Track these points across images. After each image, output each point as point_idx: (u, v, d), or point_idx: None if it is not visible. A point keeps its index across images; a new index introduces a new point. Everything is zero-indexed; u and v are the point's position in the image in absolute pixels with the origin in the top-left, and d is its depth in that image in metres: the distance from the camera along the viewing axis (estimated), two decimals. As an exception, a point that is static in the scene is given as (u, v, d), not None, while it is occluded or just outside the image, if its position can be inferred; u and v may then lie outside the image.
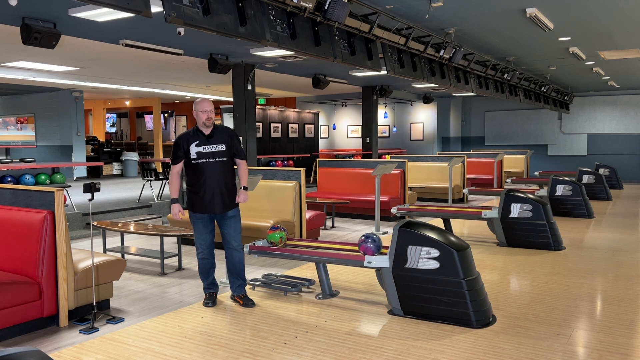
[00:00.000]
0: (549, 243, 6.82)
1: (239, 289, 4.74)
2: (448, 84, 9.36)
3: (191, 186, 4.59)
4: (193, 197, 4.59)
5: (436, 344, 3.78)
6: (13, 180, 7.74)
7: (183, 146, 4.55)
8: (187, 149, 4.54)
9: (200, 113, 4.54)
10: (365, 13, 6.51)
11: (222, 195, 4.58)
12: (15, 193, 4.46)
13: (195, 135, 4.58)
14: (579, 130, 18.68)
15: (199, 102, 4.58)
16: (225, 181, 4.61)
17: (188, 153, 4.54)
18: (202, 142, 4.55)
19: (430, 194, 12.03)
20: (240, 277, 4.74)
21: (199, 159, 4.52)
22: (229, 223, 4.66)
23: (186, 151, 4.54)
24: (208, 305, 4.65)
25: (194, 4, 4.52)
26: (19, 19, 6.52)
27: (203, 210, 4.57)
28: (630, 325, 4.12)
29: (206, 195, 4.53)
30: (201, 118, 4.55)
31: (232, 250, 4.70)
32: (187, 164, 4.57)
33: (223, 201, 4.59)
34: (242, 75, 10.84)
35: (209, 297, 4.72)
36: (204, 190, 4.53)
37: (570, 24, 7.84)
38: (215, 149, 4.56)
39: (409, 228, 4.31)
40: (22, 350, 1.80)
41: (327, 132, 21.80)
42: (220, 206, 4.58)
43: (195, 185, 4.56)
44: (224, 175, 4.60)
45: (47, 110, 17.02)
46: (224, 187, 4.60)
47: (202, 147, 4.53)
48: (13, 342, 3.87)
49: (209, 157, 4.53)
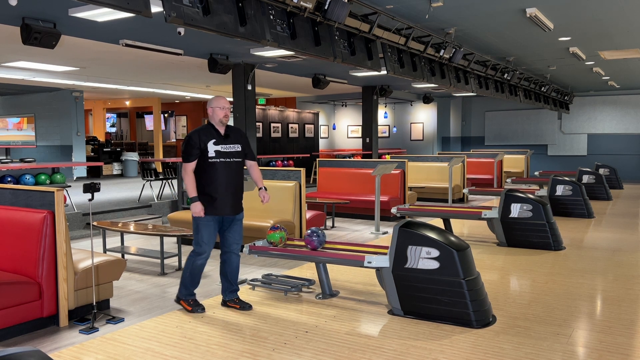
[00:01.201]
0: (549, 243, 6.82)
1: (233, 294, 4.64)
2: (448, 84, 9.36)
3: (204, 186, 4.37)
4: (204, 198, 4.36)
5: (436, 344, 3.78)
6: (13, 180, 7.74)
7: (199, 144, 4.33)
8: (204, 147, 4.32)
9: (217, 109, 4.40)
10: (365, 13, 6.51)
11: (235, 197, 4.47)
12: (15, 193, 4.46)
13: (210, 132, 4.39)
14: (579, 130, 18.68)
15: (217, 99, 4.45)
16: (239, 182, 4.51)
17: (205, 151, 4.33)
18: (220, 140, 4.39)
19: (430, 194, 12.03)
20: (235, 283, 4.64)
21: (217, 158, 4.35)
22: (235, 226, 4.54)
23: (203, 149, 4.33)
24: (199, 311, 4.47)
25: (194, 4, 4.51)
26: (19, 18, 6.52)
27: (215, 212, 4.39)
28: (630, 325, 4.12)
29: (220, 197, 4.37)
30: (219, 115, 4.40)
31: (232, 254, 4.58)
32: (201, 162, 4.36)
33: (236, 203, 4.49)
34: (242, 75, 10.84)
35: (197, 303, 4.54)
36: (219, 191, 4.36)
37: (570, 24, 7.85)
38: (233, 149, 4.44)
39: (409, 228, 4.31)
40: (22, 350, 1.80)
41: (327, 132, 21.80)
42: (232, 208, 4.46)
43: (209, 185, 4.36)
44: (238, 176, 4.49)
45: (47, 110, 17.02)
46: (238, 189, 4.50)
47: (220, 146, 4.37)
48: (13, 342, 3.87)
49: (226, 157, 4.39)
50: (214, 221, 4.43)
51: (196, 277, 4.54)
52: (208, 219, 4.40)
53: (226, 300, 4.64)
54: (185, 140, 4.40)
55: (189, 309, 4.50)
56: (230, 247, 4.57)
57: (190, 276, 4.52)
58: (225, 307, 4.62)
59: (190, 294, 4.58)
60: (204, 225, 4.42)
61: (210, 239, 4.45)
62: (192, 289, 4.57)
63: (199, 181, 4.39)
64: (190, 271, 4.51)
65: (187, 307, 4.51)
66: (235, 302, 4.61)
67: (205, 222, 4.41)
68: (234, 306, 4.59)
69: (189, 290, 4.56)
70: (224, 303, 4.65)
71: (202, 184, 4.38)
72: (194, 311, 4.48)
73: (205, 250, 4.46)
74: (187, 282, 4.54)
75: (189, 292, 4.57)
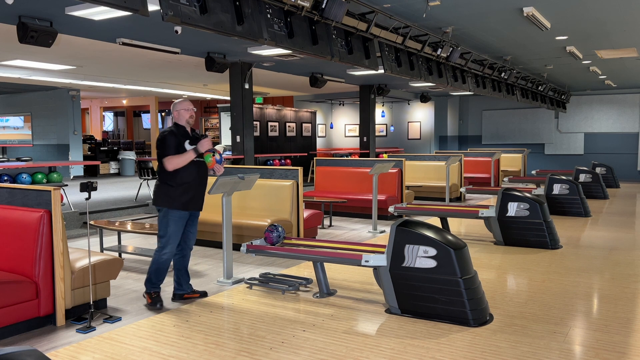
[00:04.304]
0: (546, 242, 6.84)
1: (190, 286, 4.85)
2: (445, 83, 9.37)
3: (178, 184, 4.52)
4: (177, 194, 4.51)
5: (433, 342, 3.79)
6: (10, 179, 7.73)
7: (177, 140, 4.50)
8: (181, 147, 4.51)
9: (183, 111, 4.60)
10: (363, 12, 6.51)
11: (203, 194, 4.73)
12: (12, 192, 4.45)
13: (183, 132, 4.60)
14: (576, 129, 18.72)
15: (183, 102, 4.65)
16: (206, 180, 4.76)
17: (183, 150, 4.50)
18: (193, 140, 4.60)
19: (428, 192, 12.05)
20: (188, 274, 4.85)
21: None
22: (195, 221, 4.78)
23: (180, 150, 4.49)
24: (157, 306, 4.54)
25: (191, 3, 4.51)
26: (15, 17, 6.50)
27: (187, 208, 4.59)
28: (627, 324, 4.13)
29: (195, 193, 4.61)
30: (184, 116, 4.60)
31: (189, 250, 4.80)
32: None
33: (203, 199, 4.74)
34: (239, 74, 10.83)
35: (158, 297, 4.61)
36: (193, 187, 4.58)
37: (567, 23, 7.86)
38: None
39: (406, 227, 4.31)
40: (19, 349, 1.79)
41: (325, 131, 21.80)
42: (201, 204, 4.72)
43: (184, 183, 4.53)
44: (206, 174, 4.75)
45: (44, 109, 16.98)
46: (206, 186, 4.76)
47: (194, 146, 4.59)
48: (10, 342, 3.86)
49: (200, 157, 4.61)
50: (183, 217, 4.62)
51: (162, 272, 4.65)
52: (180, 215, 4.59)
53: (184, 293, 4.79)
54: (161, 140, 4.51)
55: (149, 301, 4.62)
56: (189, 242, 4.78)
57: (156, 271, 4.63)
58: (182, 301, 4.75)
59: (158, 286, 4.69)
60: (175, 220, 4.56)
61: (177, 234, 4.62)
62: (157, 283, 4.68)
63: (173, 179, 4.52)
64: (156, 266, 4.62)
65: (149, 300, 4.63)
66: (195, 292, 4.83)
67: (177, 218, 4.57)
68: (193, 296, 4.80)
69: (154, 285, 4.67)
70: (180, 297, 4.79)
71: (176, 182, 4.53)
72: (153, 304, 4.58)
73: (172, 245, 4.60)
74: (152, 277, 4.65)
75: (155, 286, 4.67)
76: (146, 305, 4.65)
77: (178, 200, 4.53)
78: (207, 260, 6.38)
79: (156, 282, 4.65)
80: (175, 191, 4.53)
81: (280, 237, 5.24)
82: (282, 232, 5.24)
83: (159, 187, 4.60)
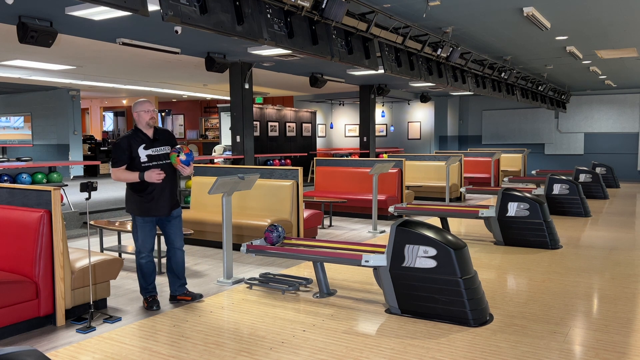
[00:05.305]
0: (546, 242, 6.84)
1: (182, 288, 4.79)
2: (445, 83, 9.36)
3: (139, 190, 4.47)
4: (140, 201, 4.48)
5: (433, 342, 3.79)
6: (10, 179, 7.72)
7: (129, 150, 4.41)
8: (135, 153, 4.40)
9: (143, 113, 4.48)
10: (363, 12, 6.51)
11: (170, 198, 4.59)
12: (12, 192, 4.45)
13: (139, 137, 4.46)
14: (576, 129, 18.72)
15: (140, 103, 4.52)
16: (172, 183, 4.65)
17: (137, 157, 4.41)
18: (149, 144, 4.48)
19: (428, 192, 12.04)
20: (182, 277, 4.78)
21: (149, 162, 4.45)
22: (174, 223, 4.68)
23: (134, 156, 4.41)
24: (154, 309, 4.54)
25: (191, 3, 4.51)
26: (15, 17, 6.50)
27: (151, 214, 4.51)
28: (627, 324, 4.13)
29: (156, 198, 4.49)
30: (145, 118, 4.48)
31: (176, 250, 4.72)
32: (135, 167, 4.43)
33: (170, 202, 4.60)
34: (239, 74, 10.83)
35: (154, 301, 4.60)
36: (154, 193, 4.47)
37: (567, 23, 7.86)
38: (163, 151, 4.55)
39: (406, 227, 4.31)
40: (19, 349, 1.79)
41: (325, 131, 21.80)
42: (168, 209, 4.58)
43: (145, 189, 4.45)
44: (170, 177, 4.61)
45: (44, 109, 16.97)
46: (172, 189, 4.64)
47: (151, 150, 4.48)
48: (10, 342, 3.86)
49: (158, 160, 4.51)
50: (151, 223, 4.57)
51: (146, 275, 4.64)
52: (146, 220, 4.55)
53: (176, 295, 4.77)
54: (114, 146, 4.48)
55: (145, 305, 4.61)
56: (173, 243, 4.71)
57: (141, 275, 4.64)
58: (176, 302, 4.75)
59: (150, 290, 4.67)
60: (140, 226, 4.55)
61: (146, 239, 4.58)
62: (147, 286, 4.66)
63: (135, 186, 4.48)
64: (140, 271, 4.64)
65: (145, 304, 4.63)
66: (186, 294, 4.77)
67: (141, 224, 4.55)
68: (185, 298, 4.75)
69: (146, 290, 4.67)
70: (174, 298, 4.78)
71: (138, 189, 4.48)
72: (149, 308, 4.57)
73: (144, 249, 4.58)
74: (141, 282, 4.67)
75: (148, 289, 4.67)
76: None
77: (141, 206, 4.50)
78: (207, 260, 6.38)
79: (146, 286, 4.65)
80: (138, 197, 4.50)
81: (280, 237, 5.24)
82: (282, 232, 5.25)
83: (126, 191, 4.62)
